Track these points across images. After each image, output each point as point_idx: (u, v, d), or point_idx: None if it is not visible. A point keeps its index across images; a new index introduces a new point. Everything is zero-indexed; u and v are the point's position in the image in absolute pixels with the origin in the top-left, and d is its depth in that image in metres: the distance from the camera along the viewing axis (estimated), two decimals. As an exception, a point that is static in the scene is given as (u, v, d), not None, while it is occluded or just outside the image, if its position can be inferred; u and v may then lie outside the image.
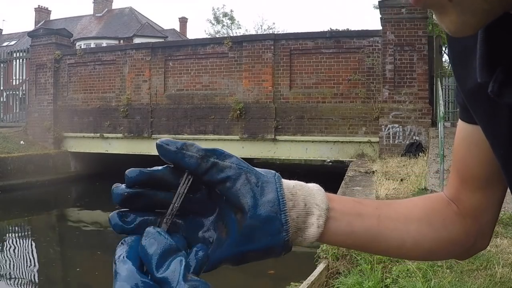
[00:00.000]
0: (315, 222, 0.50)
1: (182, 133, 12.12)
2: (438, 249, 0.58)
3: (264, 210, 0.47)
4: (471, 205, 0.59)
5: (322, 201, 0.51)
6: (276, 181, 0.49)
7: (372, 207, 0.56)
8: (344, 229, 0.52)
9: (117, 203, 0.46)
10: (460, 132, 0.59)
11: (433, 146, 8.10)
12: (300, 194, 0.50)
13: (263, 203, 0.47)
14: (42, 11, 34.40)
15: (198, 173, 0.46)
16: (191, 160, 0.46)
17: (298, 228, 0.49)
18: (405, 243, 0.56)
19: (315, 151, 11.12)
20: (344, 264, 3.66)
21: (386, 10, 10.28)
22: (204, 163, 0.46)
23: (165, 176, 0.47)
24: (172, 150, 0.46)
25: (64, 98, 13.97)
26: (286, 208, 0.47)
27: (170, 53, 12.63)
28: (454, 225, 0.58)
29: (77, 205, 11.66)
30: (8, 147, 12.59)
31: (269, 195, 0.47)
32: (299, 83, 11.30)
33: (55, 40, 13.97)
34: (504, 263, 3.16)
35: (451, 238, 0.58)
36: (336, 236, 0.52)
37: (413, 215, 0.58)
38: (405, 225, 0.56)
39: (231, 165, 0.47)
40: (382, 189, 5.89)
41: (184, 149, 0.46)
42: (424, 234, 0.57)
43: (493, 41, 0.40)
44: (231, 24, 35.71)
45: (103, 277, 6.07)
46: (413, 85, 10.18)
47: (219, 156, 0.47)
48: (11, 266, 6.57)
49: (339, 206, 0.53)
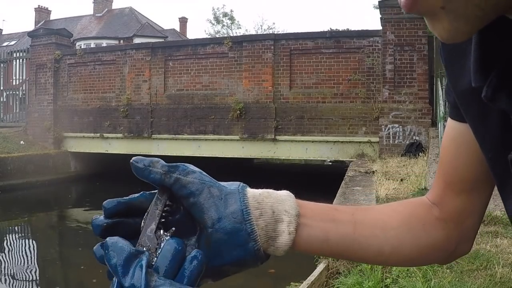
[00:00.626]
0: (285, 229, 0.48)
1: (182, 133, 12.12)
2: (419, 255, 0.57)
3: (228, 222, 0.46)
4: (454, 208, 0.57)
5: (291, 207, 0.50)
6: (240, 191, 0.48)
7: (348, 213, 0.55)
8: (317, 236, 0.51)
9: (97, 235, 0.46)
10: (450, 132, 0.58)
11: (433, 146, 8.10)
12: (267, 202, 0.49)
13: (227, 215, 0.46)
14: (42, 11, 34.40)
15: (164, 187, 0.47)
16: (156, 176, 0.46)
17: (268, 236, 0.48)
18: (383, 250, 0.55)
19: (315, 151, 11.12)
20: (344, 264, 3.66)
21: (386, 10, 10.28)
22: (167, 179, 0.46)
23: (142, 203, 0.48)
24: (140, 167, 0.47)
25: (64, 98, 13.97)
26: (251, 218, 0.47)
27: (170, 53, 12.64)
28: (435, 230, 0.57)
29: (77, 205, 11.66)
30: (8, 147, 12.59)
31: (232, 207, 0.47)
32: (299, 83, 11.31)
33: (55, 40, 13.97)
34: (504, 263, 3.16)
35: (431, 243, 0.57)
36: (310, 243, 0.51)
37: (392, 221, 0.56)
38: (383, 232, 0.55)
39: (194, 180, 0.47)
40: (382, 189, 5.89)
41: (150, 166, 0.47)
42: (403, 240, 0.55)
43: (487, 45, 0.39)
44: (231, 24, 35.71)
45: (103, 277, 6.07)
46: (413, 85, 10.18)
47: (181, 172, 0.47)
48: (11, 266, 6.57)
49: (311, 213, 0.51)
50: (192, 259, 0.43)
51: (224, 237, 0.46)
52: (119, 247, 0.41)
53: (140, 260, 0.41)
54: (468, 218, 0.58)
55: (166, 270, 0.42)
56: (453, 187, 0.57)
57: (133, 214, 0.47)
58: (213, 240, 0.47)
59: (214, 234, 0.46)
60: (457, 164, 0.57)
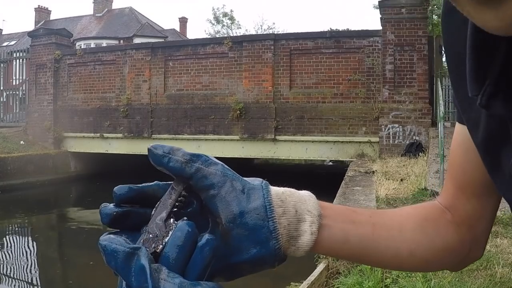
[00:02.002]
0: (308, 229, 0.47)
1: (182, 133, 12.12)
2: (434, 258, 0.57)
3: (250, 217, 0.44)
4: (466, 212, 0.57)
5: (314, 207, 0.48)
6: (263, 187, 0.46)
7: (366, 215, 0.54)
8: (338, 238, 0.50)
9: (106, 224, 0.44)
10: (458, 137, 0.58)
11: (433, 146, 8.10)
12: (290, 201, 0.47)
13: (249, 210, 0.45)
14: (42, 11, 34.40)
15: (183, 177, 0.44)
16: (176, 165, 0.44)
17: (290, 236, 0.46)
18: (401, 252, 0.54)
19: (315, 151, 11.12)
20: (344, 264, 3.66)
21: (386, 10, 10.28)
22: (188, 168, 0.44)
23: (155, 192, 0.46)
24: (159, 154, 0.44)
25: (64, 98, 13.97)
26: (274, 215, 0.45)
27: (170, 53, 12.64)
28: (449, 233, 0.57)
29: (77, 205, 11.66)
30: (8, 147, 12.59)
31: (255, 202, 0.45)
32: (299, 83, 11.31)
33: (55, 40, 13.97)
34: (504, 263, 3.16)
35: (446, 246, 0.57)
36: (330, 244, 0.50)
37: (408, 224, 0.56)
38: (400, 234, 0.55)
39: (216, 171, 0.45)
40: (382, 189, 5.89)
41: (170, 153, 0.44)
42: (419, 243, 0.55)
43: (480, 54, 0.38)
44: (231, 24, 35.70)
45: (103, 277, 6.08)
46: (413, 85, 10.18)
47: (203, 162, 0.45)
48: (11, 266, 6.57)
49: (332, 213, 0.51)
50: (204, 246, 0.41)
51: (245, 233, 0.45)
52: (113, 248, 0.39)
53: (138, 259, 0.38)
54: (480, 222, 0.58)
55: (176, 259, 0.40)
56: (463, 191, 0.57)
57: (144, 204, 0.45)
58: (232, 236, 0.45)
59: (235, 229, 0.44)
60: (466, 168, 0.57)
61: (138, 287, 0.37)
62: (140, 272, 0.38)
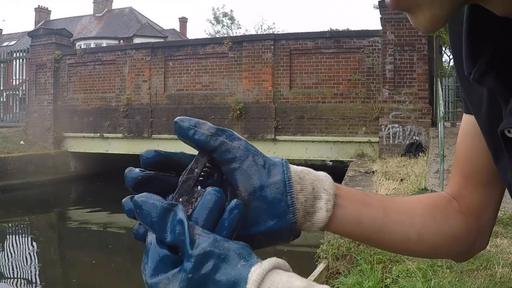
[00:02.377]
0: (323, 206, 0.50)
1: (182, 133, 12.11)
2: (442, 244, 0.59)
3: (270, 191, 0.47)
4: (472, 201, 0.60)
5: (330, 186, 0.51)
6: (283, 164, 0.49)
7: (377, 199, 0.56)
8: (351, 218, 0.53)
9: (130, 187, 0.45)
10: (464, 126, 0.61)
11: (433, 146, 8.09)
12: (308, 178, 0.50)
13: (269, 184, 0.47)
14: (42, 11, 34.40)
15: (207, 149, 0.46)
16: (201, 137, 0.46)
17: (306, 212, 0.49)
18: (410, 237, 0.57)
19: (315, 151, 11.12)
20: (344, 264, 3.66)
21: (386, 10, 10.28)
22: (213, 141, 0.46)
23: (180, 159, 0.47)
24: (185, 127, 0.47)
25: (64, 98, 13.97)
26: (292, 190, 0.47)
27: (170, 53, 12.64)
28: (456, 221, 0.59)
29: (77, 205, 11.67)
30: (8, 147, 12.59)
31: (275, 177, 0.47)
32: (299, 83, 11.31)
33: (55, 40, 13.97)
34: (504, 263, 3.16)
35: (453, 234, 0.59)
36: (343, 224, 0.52)
37: (418, 210, 0.58)
38: (410, 219, 0.57)
39: (239, 146, 0.47)
40: (382, 189, 5.90)
41: (196, 126, 0.47)
42: (427, 228, 0.57)
43: (474, 34, 0.44)
44: (231, 24, 35.73)
45: (103, 276, 6.08)
46: (413, 85, 10.18)
47: (228, 137, 0.47)
48: (11, 266, 6.57)
49: (346, 194, 0.53)
50: (233, 209, 0.43)
51: (264, 205, 0.46)
52: (150, 204, 0.41)
53: (176, 213, 0.40)
54: (485, 211, 0.60)
55: (205, 221, 0.41)
56: (470, 180, 0.60)
57: (169, 170, 0.47)
58: (251, 208, 0.46)
59: (254, 201, 0.46)
60: (472, 157, 0.60)
61: (173, 239, 0.39)
62: (178, 225, 0.39)
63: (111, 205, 10.86)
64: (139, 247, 0.43)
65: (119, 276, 6.13)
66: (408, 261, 3.29)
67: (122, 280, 6.01)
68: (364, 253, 3.58)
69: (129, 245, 7.85)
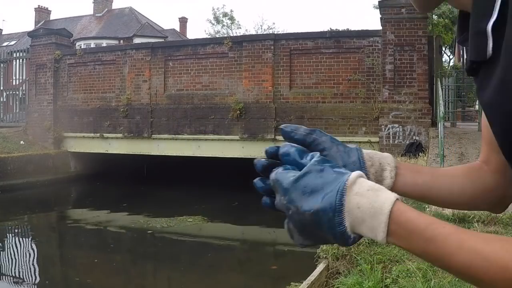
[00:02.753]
0: (388, 175, 0.71)
1: (182, 133, 12.11)
2: (478, 196, 0.76)
3: (351, 168, 0.66)
4: (498, 163, 0.74)
5: (392, 161, 0.73)
6: (358, 149, 0.71)
7: (426, 168, 0.79)
8: (409, 182, 0.73)
9: (259, 171, 0.66)
10: None
11: (433, 146, 8.09)
12: (376, 157, 0.72)
13: (349, 163, 0.68)
14: (42, 11, 34.39)
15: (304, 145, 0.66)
16: (300, 137, 0.67)
17: (377, 180, 0.69)
18: (453, 190, 0.76)
19: (315, 151, 11.10)
20: (344, 264, 3.66)
21: (386, 10, 10.27)
22: (308, 138, 0.67)
23: None
24: (288, 130, 0.68)
25: (64, 98, 13.97)
26: (365, 166, 0.70)
27: (170, 53, 12.63)
28: (487, 178, 0.76)
29: (77, 205, 11.67)
30: (8, 147, 12.59)
31: (353, 158, 0.69)
32: (299, 83, 11.30)
33: (55, 40, 13.96)
34: (504, 263, 3.15)
35: (486, 187, 0.76)
36: (404, 187, 0.73)
37: (457, 172, 0.79)
38: (451, 178, 0.77)
39: (326, 140, 0.68)
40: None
41: (295, 130, 0.68)
42: (466, 184, 0.76)
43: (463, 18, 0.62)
44: (231, 24, 35.74)
45: (103, 276, 6.07)
46: (413, 85, 10.18)
47: (317, 134, 0.68)
48: (11, 266, 6.57)
49: (404, 166, 0.74)
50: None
51: None
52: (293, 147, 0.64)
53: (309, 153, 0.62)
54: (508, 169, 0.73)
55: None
56: (493, 147, 0.72)
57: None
58: None
59: None
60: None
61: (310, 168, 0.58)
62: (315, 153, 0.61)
63: (111, 205, 10.86)
64: (139, 246, 0.43)
65: (120, 275, 6.14)
66: (408, 261, 3.29)
67: (123, 279, 6.01)
68: (364, 253, 3.59)
69: (130, 245, 7.85)
